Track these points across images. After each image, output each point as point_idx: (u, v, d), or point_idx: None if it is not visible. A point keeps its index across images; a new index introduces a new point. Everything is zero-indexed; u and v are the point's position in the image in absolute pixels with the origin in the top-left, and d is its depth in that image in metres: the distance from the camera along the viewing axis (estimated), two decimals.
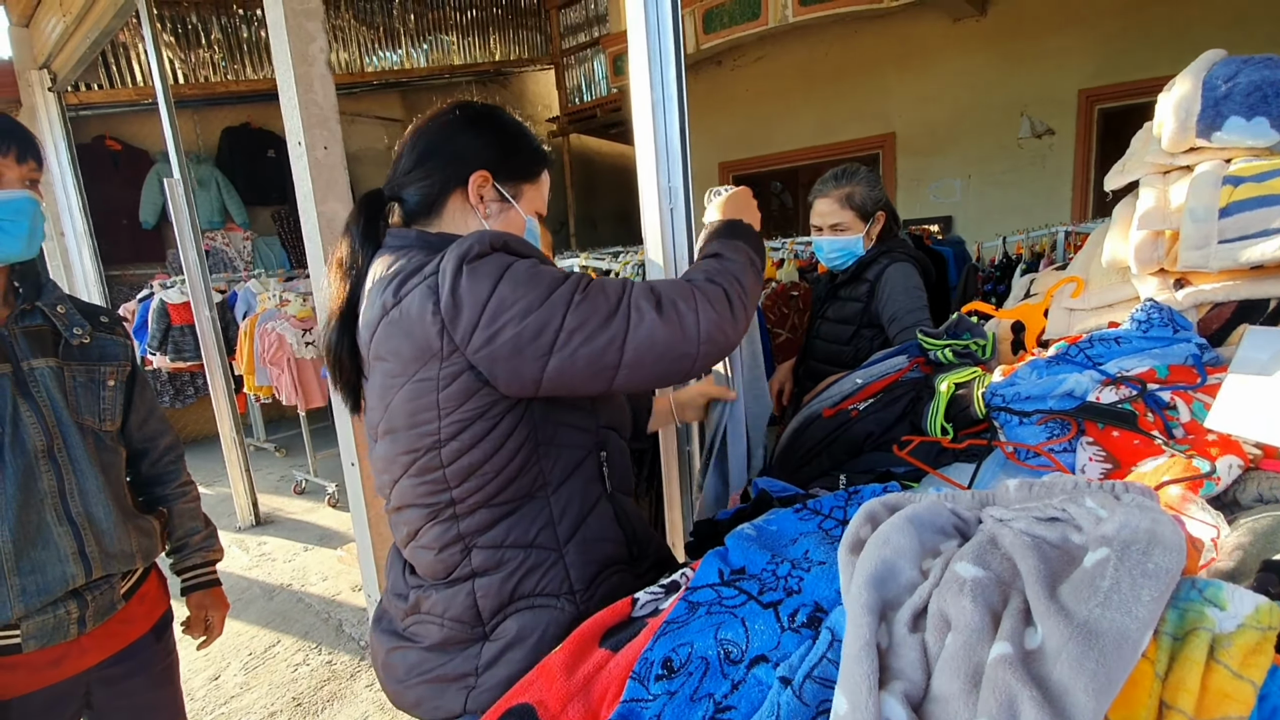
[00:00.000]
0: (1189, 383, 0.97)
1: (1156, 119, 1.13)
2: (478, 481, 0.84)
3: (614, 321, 0.78)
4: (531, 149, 0.98)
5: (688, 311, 0.80)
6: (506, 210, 0.95)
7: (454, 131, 0.93)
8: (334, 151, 2.02)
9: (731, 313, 0.83)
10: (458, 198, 0.92)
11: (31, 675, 1.05)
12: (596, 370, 0.78)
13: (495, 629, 0.87)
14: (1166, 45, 4.58)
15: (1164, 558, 0.44)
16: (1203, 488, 0.79)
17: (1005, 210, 5.38)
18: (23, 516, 1.02)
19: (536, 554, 0.87)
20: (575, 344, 0.77)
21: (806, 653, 0.53)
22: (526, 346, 0.76)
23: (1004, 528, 0.52)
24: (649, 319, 0.78)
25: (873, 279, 1.71)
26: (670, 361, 0.79)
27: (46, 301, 1.10)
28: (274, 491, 4.47)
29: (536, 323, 0.76)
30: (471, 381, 0.80)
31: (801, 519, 0.79)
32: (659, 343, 0.78)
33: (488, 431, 0.82)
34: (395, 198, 0.94)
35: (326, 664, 2.49)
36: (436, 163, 0.91)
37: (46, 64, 4.78)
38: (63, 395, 1.08)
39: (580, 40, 7.69)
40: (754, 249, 0.95)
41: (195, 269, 3.58)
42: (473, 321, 0.76)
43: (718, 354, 0.82)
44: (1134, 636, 0.40)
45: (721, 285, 0.85)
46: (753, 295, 0.90)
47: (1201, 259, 1.03)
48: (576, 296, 0.78)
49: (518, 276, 0.78)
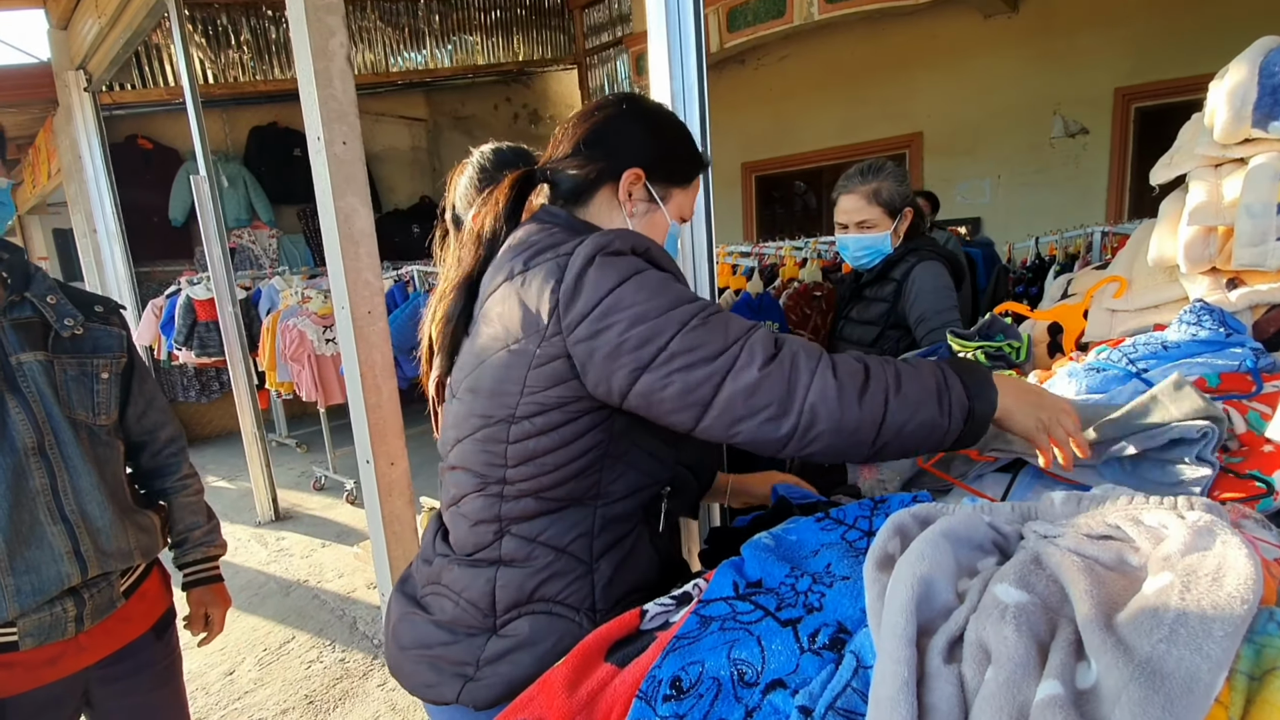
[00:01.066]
0: (1243, 391, 0.90)
1: (1208, 108, 1.06)
2: (533, 469, 0.81)
3: (721, 357, 0.72)
4: (689, 154, 0.97)
5: (805, 372, 0.71)
6: (653, 211, 0.93)
7: (618, 124, 0.92)
8: (353, 147, 2.01)
9: (859, 398, 0.70)
10: (608, 191, 0.91)
11: (28, 674, 1.03)
12: (686, 403, 0.73)
13: (506, 625, 0.84)
14: (1208, 42, 4.42)
15: (1237, 585, 0.39)
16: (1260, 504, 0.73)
17: (1036, 212, 5.24)
18: (14, 516, 0.99)
19: (566, 560, 0.84)
20: (674, 367, 0.72)
21: (828, 679, 0.48)
22: (626, 353, 0.73)
23: (1049, 545, 0.47)
24: (756, 364, 0.71)
25: (900, 278, 1.65)
26: (762, 420, 0.71)
27: (36, 292, 1.06)
28: (294, 487, 4.51)
29: (645, 333, 0.73)
30: (564, 368, 0.77)
31: (823, 528, 0.75)
32: (757, 392, 0.70)
33: (561, 424, 0.79)
34: (548, 180, 0.93)
35: (340, 662, 2.48)
36: (595, 152, 0.91)
37: (82, 65, 4.88)
38: (53, 390, 1.04)
39: (603, 40, 7.67)
40: (963, 385, 0.74)
41: (220, 266, 3.61)
42: (585, 311, 0.74)
43: (820, 433, 0.70)
44: (1205, 678, 0.35)
45: (868, 369, 0.73)
46: (903, 411, 0.72)
47: (1258, 257, 0.97)
48: (695, 320, 0.73)
49: (645, 282, 0.75)
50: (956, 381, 0.75)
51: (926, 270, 1.60)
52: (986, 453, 0.92)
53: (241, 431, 3.83)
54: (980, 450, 0.93)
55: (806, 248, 2.86)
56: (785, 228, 7.19)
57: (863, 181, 1.68)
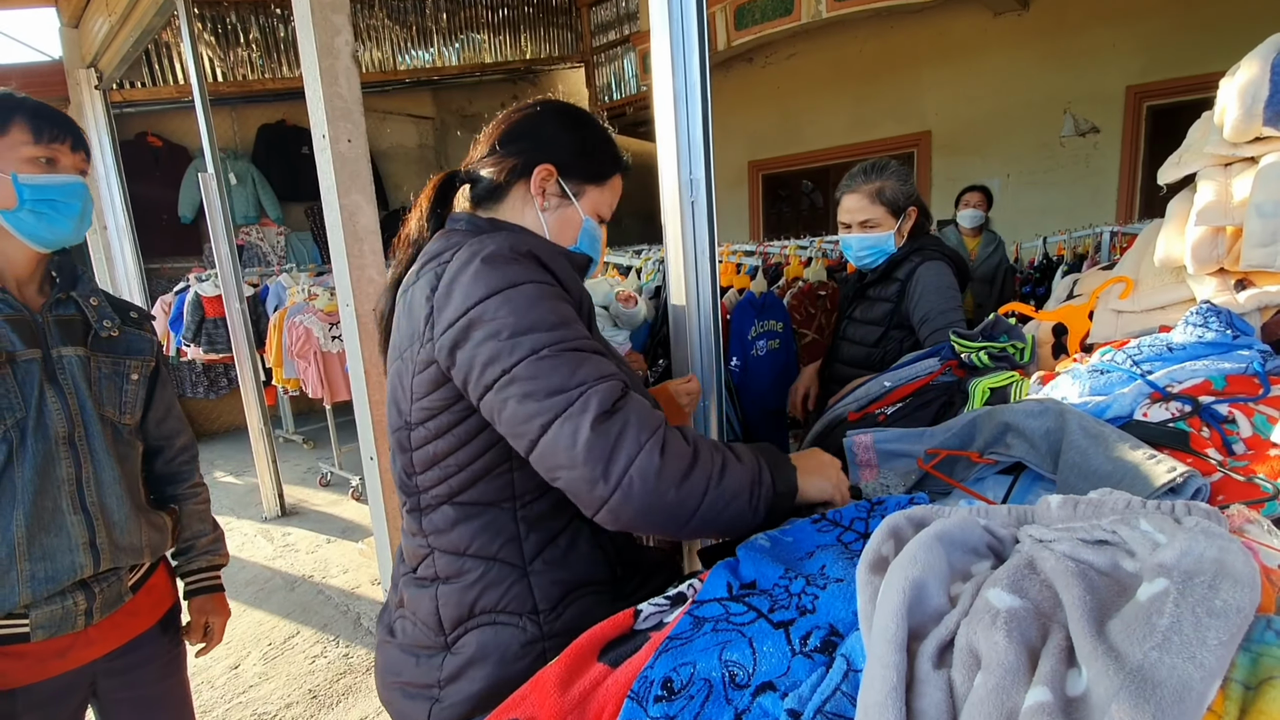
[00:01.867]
0: (1250, 394, 0.88)
1: (1218, 106, 1.04)
2: (439, 472, 0.82)
3: (555, 398, 0.69)
4: (606, 154, 0.98)
5: (632, 441, 0.67)
6: (565, 206, 0.94)
7: (532, 122, 0.94)
8: (358, 144, 2.02)
9: (680, 482, 0.68)
10: (521, 187, 0.93)
11: (38, 665, 1.05)
12: (515, 431, 0.72)
13: (456, 642, 0.84)
14: (1222, 39, 4.37)
15: (1234, 593, 0.38)
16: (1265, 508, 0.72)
17: (1045, 211, 5.20)
18: (39, 502, 1.02)
19: (499, 569, 0.83)
20: (510, 394, 0.71)
21: (818, 683, 0.47)
22: (477, 368, 0.73)
23: (1045, 550, 0.47)
24: (588, 417, 0.67)
25: (903, 278, 1.64)
26: (577, 478, 0.68)
27: (81, 293, 1.13)
28: (300, 483, 4.53)
29: (492, 352, 0.72)
30: (438, 373, 0.78)
31: (820, 530, 0.74)
32: (578, 446, 0.67)
33: (453, 425, 0.80)
34: (467, 180, 0.95)
35: (343, 657, 2.50)
36: (509, 150, 0.92)
37: (93, 63, 4.92)
38: (88, 384, 1.09)
39: (611, 38, 7.67)
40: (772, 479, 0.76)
41: (227, 263, 3.64)
42: (452, 319, 0.75)
43: (634, 509, 0.67)
44: (1198, 686, 0.34)
45: (696, 455, 0.70)
46: (722, 503, 0.71)
47: (1268, 257, 0.95)
48: (546, 351, 0.71)
49: (512, 298, 0.73)
50: (768, 476, 0.75)
51: (930, 270, 1.59)
52: (987, 455, 0.91)
53: (248, 427, 3.86)
54: (981, 453, 0.92)
55: (811, 247, 2.84)
56: (792, 227, 7.17)
57: (866, 181, 1.67)
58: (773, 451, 0.81)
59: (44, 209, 1.03)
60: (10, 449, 1.00)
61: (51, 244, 1.08)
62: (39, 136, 1.02)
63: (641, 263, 2.76)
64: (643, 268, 2.72)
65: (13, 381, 1.01)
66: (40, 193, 1.02)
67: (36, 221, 1.03)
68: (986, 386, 1.13)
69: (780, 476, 0.77)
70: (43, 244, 1.07)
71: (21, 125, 1.01)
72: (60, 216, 1.05)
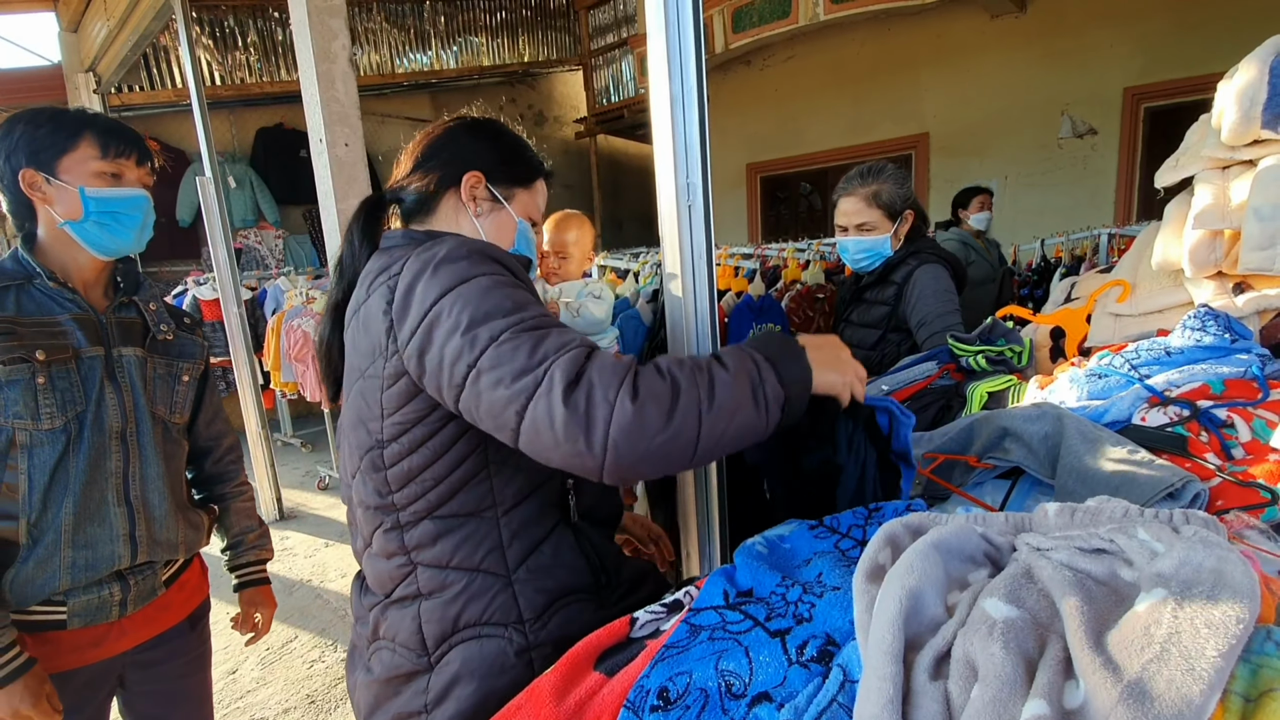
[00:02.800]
0: (1248, 398, 0.88)
1: (1216, 109, 1.04)
2: (417, 489, 0.81)
3: (523, 380, 0.67)
4: (528, 158, 1.00)
5: (601, 403, 0.64)
6: (498, 210, 0.96)
7: (451, 136, 0.96)
8: (355, 149, 2.02)
9: (666, 420, 0.65)
10: (451, 197, 0.94)
11: (74, 653, 1.10)
12: (497, 424, 0.70)
13: (440, 660, 0.82)
14: (1220, 40, 4.38)
15: (1233, 603, 0.38)
16: (1264, 514, 0.71)
17: (1043, 213, 5.21)
18: (87, 492, 1.07)
19: (483, 579, 0.82)
20: (481, 386, 0.69)
21: (815, 693, 0.47)
22: (446, 369, 0.71)
23: (1042, 559, 0.46)
24: (554, 395, 0.65)
25: (900, 281, 1.63)
26: (566, 454, 0.66)
27: (142, 298, 1.20)
28: (299, 486, 4.52)
29: (457, 349, 0.70)
30: (410, 385, 0.77)
31: (817, 536, 0.74)
32: (555, 425, 0.65)
33: (428, 437, 0.79)
34: (395, 200, 0.96)
35: (341, 662, 2.48)
36: (433, 164, 0.94)
37: (92, 67, 4.92)
38: (143, 383, 1.15)
39: (609, 41, 7.68)
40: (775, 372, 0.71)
41: (225, 266, 3.63)
42: (413, 326, 0.74)
43: (631, 462, 0.65)
44: (1197, 700, 0.34)
45: (676, 386, 0.67)
46: (724, 420, 0.67)
47: (1266, 261, 0.95)
48: (506, 334, 0.69)
49: (465, 292, 0.72)
50: (771, 374, 0.70)
51: (927, 273, 1.59)
52: (985, 460, 0.91)
53: (246, 431, 3.85)
54: (979, 458, 0.92)
55: (809, 249, 2.84)
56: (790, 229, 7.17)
57: (862, 184, 1.67)
58: (777, 342, 0.75)
59: (107, 220, 1.10)
60: (69, 439, 1.06)
61: (114, 252, 1.14)
62: (105, 152, 1.09)
63: (639, 266, 2.76)
64: (640, 271, 2.72)
65: (76, 377, 1.07)
66: (105, 205, 1.09)
67: (100, 232, 1.10)
68: (985, 391, 1.13)
69: (787, 369, 0.71)
70: (105, 252, 1.13)
71: (90, 141, 1.08)
72: (122, 227, 1.12)
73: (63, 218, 1.08)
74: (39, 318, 1.05)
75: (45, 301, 1.07)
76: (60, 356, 1.05)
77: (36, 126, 1.06)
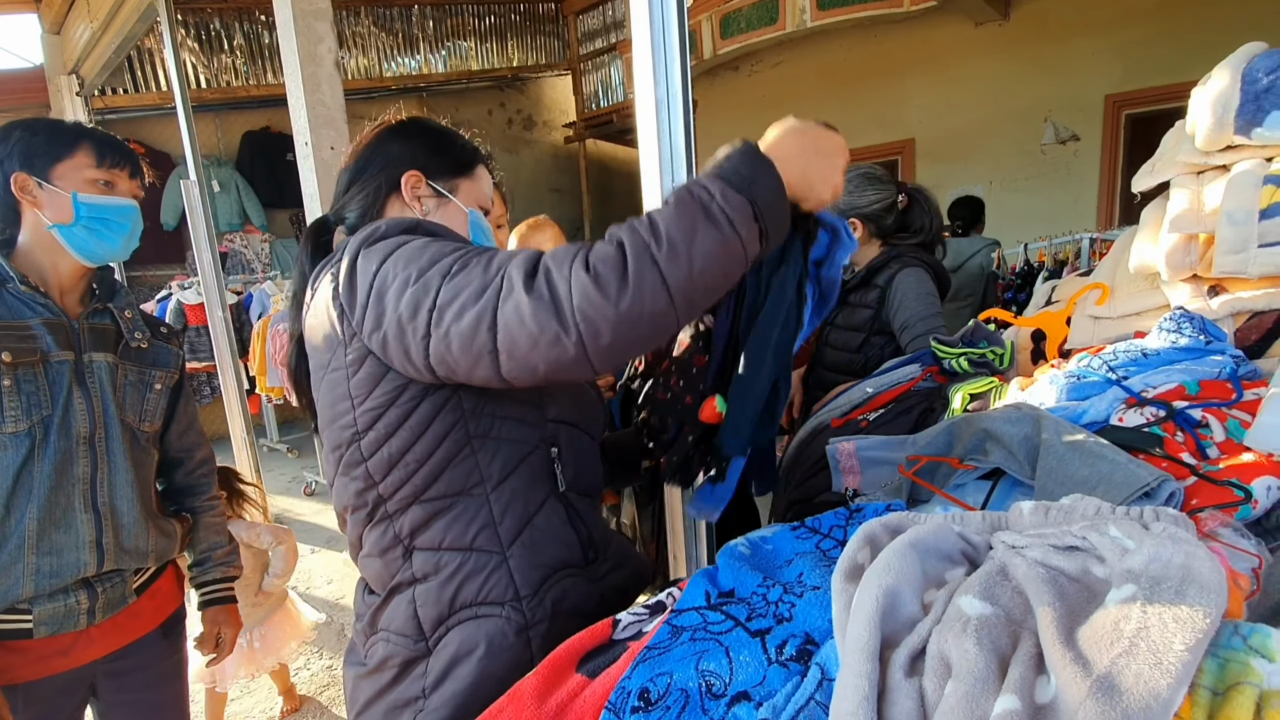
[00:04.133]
0: (1223, 398, 0.90)
1: (1190, 115, 1.06)
2: (401, 474, 0.80)
3: (484, 295, 0.65)
4: (460, 146, 0.99)
5: (560, 279, 0.63)
6: (444, 204, 0.94)
7: (378, 143, 0.95)
8: (340, 152, 2.01)
9: (622, 279, 0.61)
10: (395, 202, 0.92)
11: (40, 662, 1.08)
12: (474, 356, 0.67)
13: (438, 643, 0.82)
14: (1199, 49, 4.45)
15: (1201, 598, 0.38)
16: (1237, 512, 0.72)
17: (1027, 218, 5.26)
18: (52, 497, 1.06)
19: (477, 557, 0.81)
20: (448, 322, 0.67)
21: (793, 692, 0.47)
22: (407, 326, 0.70)
23: (1017, 556, 0.47)
24: (517, 289, 0.64)
25: (883, 284, 1.65)
26: (546, 345, 0.63)
27: (118, 305, 1.20)
28: (285, 492, 4.48)
29: (413, 299, 0.69)
30: (376, 366, 0.77)
31: (799, 537, 0.74)
32: (526, 319, 0.62)
33: (403, 419, 0.78)
34: (339, 220, 0.95)
35: (327, 669, 2.46)
36: (368, 175, 0.92)
37: (75, 69, 4.87)
38: (113, 390, 1.14)
39: (598, 46, 7.70)
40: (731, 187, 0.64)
41: (210, 270, 3.60)
42: (363, 302, 0.74)
43: (611, 335, 0.61)
44: (1164, 694, 0.34)
45: (621, 242, 0.64)
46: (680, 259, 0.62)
47: (1239, 264, 0.97)
48: (455, 267, 0.69)
49: (405, 252, 0.73)
50: (719, 185, 0.64)
51: (909, 277, 1.61)
52: (967, 461, 0.91)
53: (231, 436, 3.80)
54: (960, 459, 0.92)
55: None
56: None
57: None
58: (722, 158, 0.68)
59: (97, 225, 1.11)
60: (34, 444, 1.05)
61: (99, 259, 1.14)
62: (101, 161, 1.11)
63: None
64: None
65: (44, 380, 1.06)
66: (96, 211, 1.10)
67: (88, 237, 1.11)
68: (967, 392, 1.14)
69: (738, 174, 0.65)
70: (91, 258, 1.13)
71: (87, 150, 1.10)
72: (111, 234, 1.13)
73: (51, 220, 1.08)
74: (7, 321, 1.05)
75: (16, 305, 1.07)
76: (27, 360, 1.04)
77: (34, 133, 1.08)
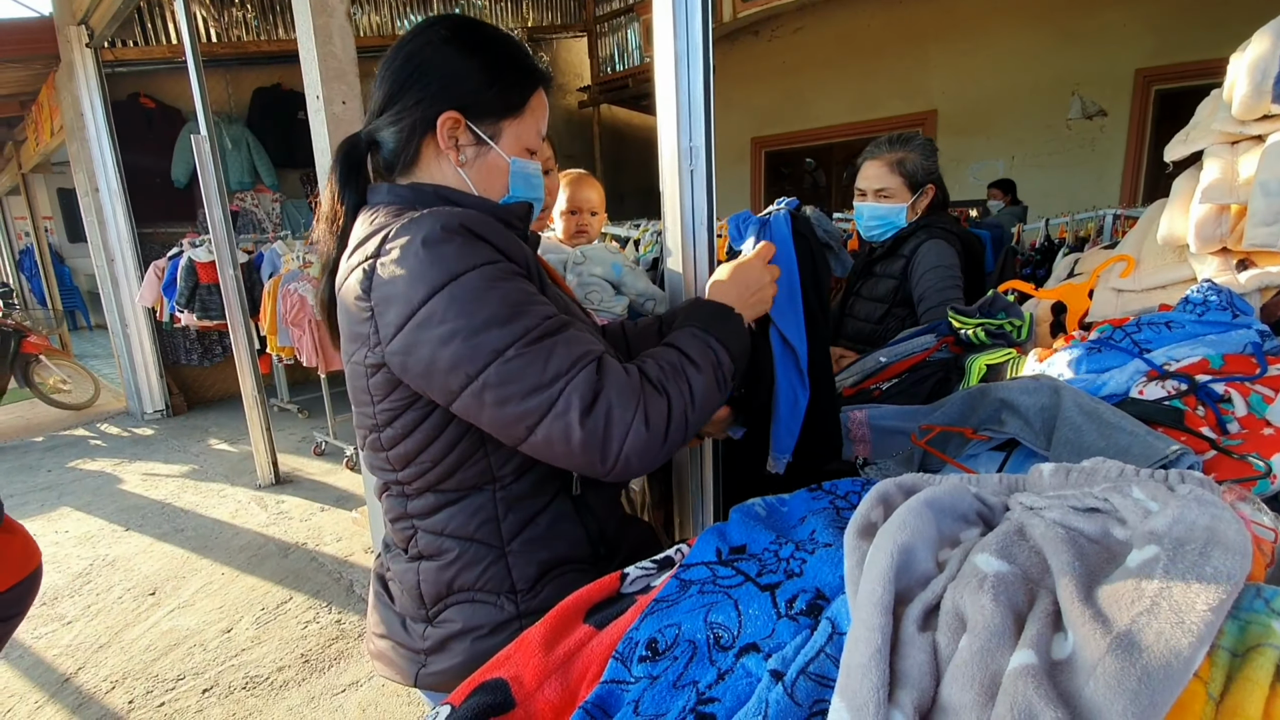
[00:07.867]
0: (1246, 373, 0.88)
1: (1227, 82, 1.03)
2: (418, 469, 0.81)
3: (536, 397, 0.68)
4: (518, 73, 0.83)
5: (618, 425, 0.69)
6: (484, 153, 0.83)
7: (420, 62, 0.80)
8: (352, 107, 1.98)
9: (665, 434, 0.71)
10: (430, 143, 0.81)
11: None
12: (502, 433, 0.72)
13: (437, 616, 0.85)
14: (1235, 22, 4.29)
15: (1225, 560, 0.38)
16: (1256, 486, 0.71)
17: (1050, 194, 5.16)
18: None
19: (476, 548, 0.82)
20: (486, 400, 0.69)
21: (803, 644, 0.47)
22: (439, 375, 0.69)
23: (1035, 517, 0.46)
24: (572, 415, 0.67)
25: (908, 254, 1.62)
26: (577, 464, 0.71)
27: None
28: (295, 452, 4.54)
29: (455, 357, 0.68)
30: (392, 375, 0.75)
31: (815, 498, 0.74)
32: (573, 445, 0.68)
33: (419, 422, 0.78)
34: (371, 141, 0.84)
35: (335, 623, 2.52)
36: (406, 101, 0.80)
37: (85, 19, 4.80)
38: None
39: (615, 7, 7.52)
40: (728, 353, 0.80)
41: (220, 228, 3.59)
42: (398, 323, 0.70)
43: (635, 470, 0.72)
44: (1185, 653, 0.34)
45: (669, 401, 0.73)
46: (702, 415, 0.76)
47: (1271, 236, 0.94)
48: (512, 351, 0.67)
49: (459, 294, 0.68)
50: (725, 354, 0.80)
51: (932, 249, 1.57)
52: (981, 431, 0.90)
53: (242, 395, 3.84)
54: (975, 430, 0.91)
55: None
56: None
57: (889, 150, 1.63)
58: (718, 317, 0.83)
59: None
60: None
61: None
62: None
63: (640, 234, 2.73)
64: (640, 239, 2.70)
65: None
66: None
67: None
68: (983, 363, 1.12)
69: (733, 343, 0.82)
70: None
71: None
72: None
73: None
74: None
75: None
76: None
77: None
